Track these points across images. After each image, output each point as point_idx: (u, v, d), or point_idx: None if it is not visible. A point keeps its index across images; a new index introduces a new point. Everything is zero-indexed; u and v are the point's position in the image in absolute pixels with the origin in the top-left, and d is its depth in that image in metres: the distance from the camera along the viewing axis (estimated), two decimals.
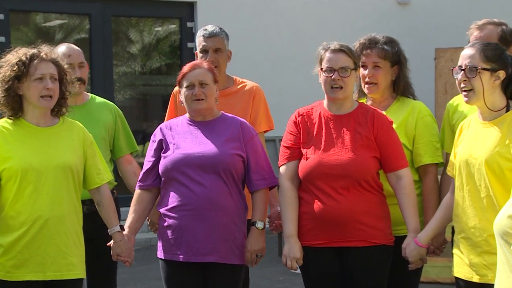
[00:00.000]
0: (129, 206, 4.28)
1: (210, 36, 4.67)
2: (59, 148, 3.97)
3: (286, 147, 4.16)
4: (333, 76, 4.01)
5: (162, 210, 4.14)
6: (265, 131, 4.80)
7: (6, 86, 3.90)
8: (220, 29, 4.74)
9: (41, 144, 3.95)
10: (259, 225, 4.15)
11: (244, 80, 4.84)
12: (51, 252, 3.91)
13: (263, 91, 4.82)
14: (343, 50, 4.04)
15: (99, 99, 4.83)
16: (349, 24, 10.95)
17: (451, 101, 4.41)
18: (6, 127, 3.95)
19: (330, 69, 4.03)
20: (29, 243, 3.88)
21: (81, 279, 4.06)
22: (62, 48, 4.60)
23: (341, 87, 4.02)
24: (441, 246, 4.25)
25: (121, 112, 4.86)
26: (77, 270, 4.00)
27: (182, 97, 4.18)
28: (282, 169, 4.15)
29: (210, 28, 4.71)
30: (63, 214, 3.93)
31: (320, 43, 4.16)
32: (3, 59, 3.99)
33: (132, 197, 4.29)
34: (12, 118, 3.97)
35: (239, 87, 4.78)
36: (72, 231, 3.98)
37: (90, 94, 4.83)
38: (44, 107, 3.94)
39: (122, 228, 4.19)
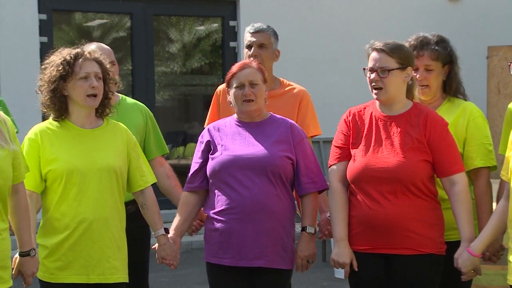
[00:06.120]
0: (164, 209, 4.23)
1: (255, 32, 4.71)
2: (103, 150, 3.98)
3: (337, 147, 4.08)
4: (372, 77, 3.93)
5: (209, 213, 4.10)
6: (312, 136, 4.74)
7: (52, 87, 3.92)
8: (268, 26, 4.76)
9: (86, 146, 3.96)
10: (310, 230, 4.09)
11: (292, 83, 4.80)
12: (94, 255, 3.93)
13: (310, 96, 4.79)
14: (384, 49, 3.93)
15: (129, 100, 4.79)
16: (399, 23, 10.83)
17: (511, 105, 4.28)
18: (51, 129, 3.97)
19: (371, 69, 3.96)
20: (73, 246, 3.90)
21: (124, 283, 4.05)
22: (92, 48, 4.52)
23: (381, 88, 3.93)
24: (498, 253, 4.12)
25: (152, 114, 4.81)
26: (120, 273, 4.01)
27: (231, 98, 4.13)
28: (332, 169, 4.07)
29: (257, 24, 4.75)
30: (107, 217, 3.94)
31: (368, 43, 4.06)
32: (47, 61, 4.01)
33: (165, 200, 4.23)
34: (57, 119, 3.99)
35: (286, 89, 4.75)
36: (115, 234, 3.99)
37: (120, 95, 4.76)
38: (89, 106, 3.95)
39: (167, 230, 4.16)
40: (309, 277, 7.65)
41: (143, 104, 4.80)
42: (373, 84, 3.93)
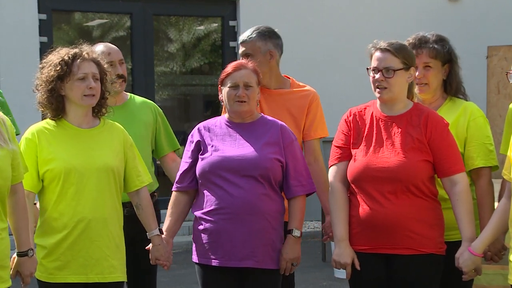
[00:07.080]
0: (164, 209, 4.23)
1: (242, 43, 4.60)
2: (100, 150, 3.98)
3: (337, 147, 4.08)
4: (376, 77, 3.92)
5: (198, 214, 4.09)
6: (320, 138, 4.72)
7: (50, 87, 3.93)
8: (253, 31, 4.62)
9: (83, 145, 3.96)
10: (296, 233, 4.09)
11: (302, 84, 4.77)
12: (93, 254, 3.93)
13: (319, 97, 4.76)
14: (389, 49, 3.93)
15: (138, 98, 4.82)
16: (399, 23, 10.82)
17: None
18: (48, 129, 3.98)
19: (375, 68, 3.95)
20: (72, 245, 3.91)
21: (122, 282, 4.07)
22: (100, 47, 4.61)
23: (385, 88, 3.92)
24: (500, 253, 4.12)
25: (161, 110, 4.84)
26: (119, 273, 4.02)
27: (223, 96, 4.13)
28: (332, 169, 4.07)
29: (241, 37, 4.63)
30: (105, 216, 3.95)
31: (368, 43, 4.06)
32: (45, 60, 4.02)
33: (166, 200, 4.24)
34: (54, 119, 3.99)
35: (297, 89, 4.71)
36: (114, 234, 3.99)
37: (129, 94, 4.82)
38: (87, 105, 3.95)
39: (161, 231, 4.17)
40: (308, 277, 7.67)
41: (152, 102, 4.84)
42: (378, 84, 3.93)
